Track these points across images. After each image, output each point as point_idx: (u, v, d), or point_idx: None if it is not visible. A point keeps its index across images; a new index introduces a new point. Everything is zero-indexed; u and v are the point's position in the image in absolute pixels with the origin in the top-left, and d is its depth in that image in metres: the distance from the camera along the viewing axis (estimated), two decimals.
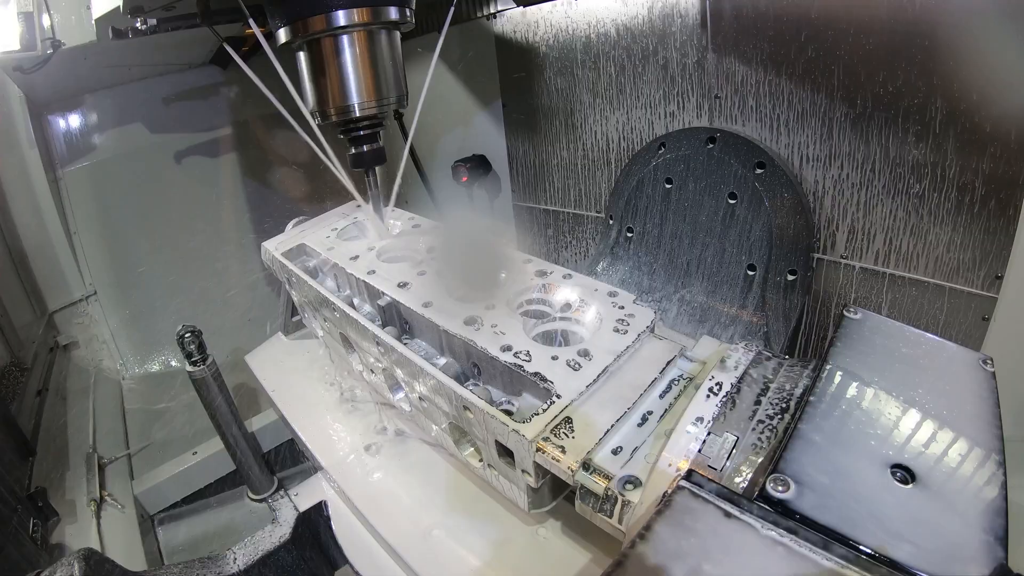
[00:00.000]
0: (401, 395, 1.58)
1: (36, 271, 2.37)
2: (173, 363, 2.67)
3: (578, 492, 1.05)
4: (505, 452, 1.19)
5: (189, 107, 2.70)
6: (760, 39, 1.99)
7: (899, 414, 0.90)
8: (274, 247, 1.91)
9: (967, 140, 1.68)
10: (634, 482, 0.99)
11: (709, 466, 0.94)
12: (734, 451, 0.94)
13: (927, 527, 0.72)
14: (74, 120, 2.53)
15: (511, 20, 2.73)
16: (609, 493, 1.00)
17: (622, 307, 1.39)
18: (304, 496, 1.53)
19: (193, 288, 2.77)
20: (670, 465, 0.96)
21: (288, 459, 2.55)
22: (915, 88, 1.73)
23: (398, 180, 1.99)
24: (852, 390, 0.94)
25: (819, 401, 0.91)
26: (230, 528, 2.33)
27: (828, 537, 0.70)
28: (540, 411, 1.11)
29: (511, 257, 1.65)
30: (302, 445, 1.71)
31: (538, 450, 1.07)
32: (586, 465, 1.03)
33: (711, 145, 2.21)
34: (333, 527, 1.50)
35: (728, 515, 0.73)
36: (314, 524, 1.49)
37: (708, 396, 1.05)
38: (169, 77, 2.61)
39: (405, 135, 2.75)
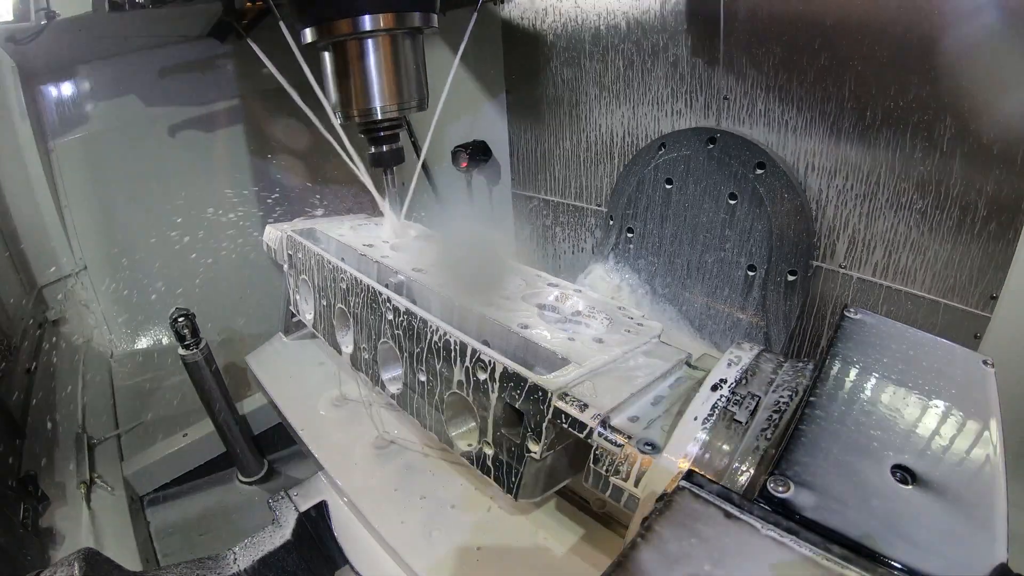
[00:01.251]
0: (397, 372, 1.59)
1: (25, 245, 2.31)
2: (164, 340, 2.64)
3: (592, 454, 1.07)
4: (511, 419, 1.21)
5: (186, 80, 2.61)
6: (773, 43, 1.97)
7: (900, 414, 0.90)
8: (282, 228, 1.93)
9: (973, 160, 1.68)
10: (653, 444, 1.00)
11: (731, 422, 0.97)
12: (730, 460, 0.94)
13: (928, 527, 0.72)
14: (67, 91, 2.44)
15: (519, 6, 2.67)
16: (627, 453, 1.01)
17: (631, 317, 1.43)
18: (304, 496, 1.52)
19: (186, 264, 2.72)
20: (694, 419, 0.98)
21: (279, 442, 2.55)
22: (926, 104, 1.72)
23: (410, 193, 2.02)
24: (853, 390, 0.94)
25: (819, 401, 0.91)
26: (220, 510, 2.34)
27: (828, 537, 0.69)
28: (562, 372, 1.14)
29: (522, 272, 1.67)
30: (302, 445, 1.71)
31: (556, 410, 1.08)
32: (604, 423, 1.04)
33: (711, 145, 2.21)
34: (333, 527, 1.51)
35: (728, 515, 0.73)
36: (314, 524, 1.49)
37: (707, 403, 1.05)
38: (166, 49, 2.51)
39: (414, 142, 2.73)
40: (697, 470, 0.90)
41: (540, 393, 1.10)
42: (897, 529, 0.71)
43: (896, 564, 0.67)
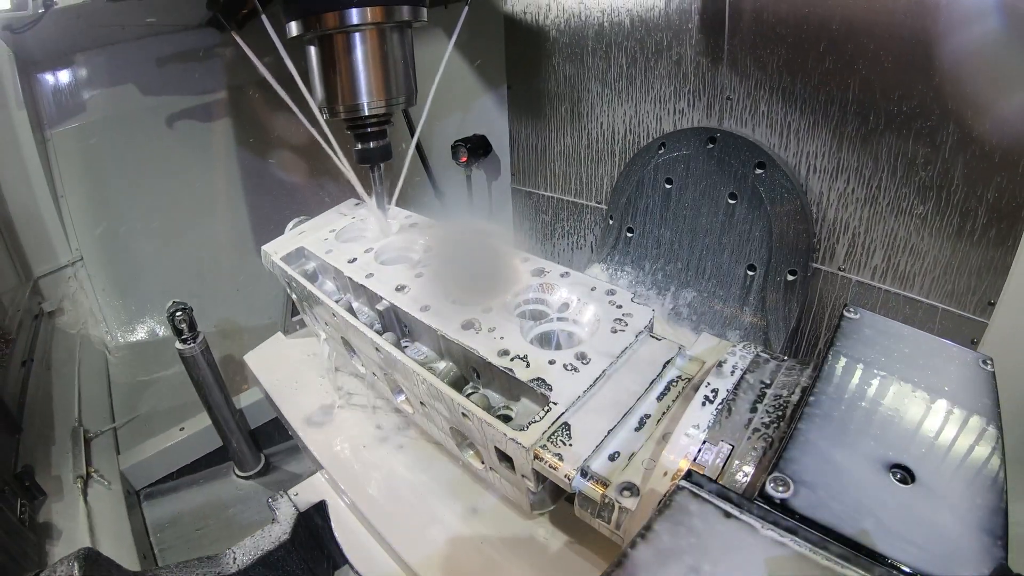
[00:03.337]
0: (403, 397, 1.58)
1: (21, 235, 2.28)
2: (160, 332, 2.62)
3: (577, 498, 1.06)
4: (505, 457, 1.20)
5: (184, 69, 2.57)
6: (778, 44, 1.96)
7: (899, 414, 0.90)
8: (273, 251, 1.88)
9: (975, 167, 1.69)
10: (631, 488, 0.99)
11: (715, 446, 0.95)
12: (729, 460, 0.94)
13: (927, 527, 0.73)
14: (64, 79, 2.40)
15: (522, 1, 2.65)
16: (606, 500, 1.00)
17: (620, 306, 1.38)
18: (304, 496, 1.53)
19: (182, 255, 2.70)
20: (665, 475, 0.96)
21: (275, 436, 2.55)
22: (929, 110, 1.72)
23: (402, 179, 1.98)
24: (852, 390, 0.94)
25: (819, 401, 0.91)
26: (217, 505, 2.34)
27: (828, 537, 0.70)
28: (537, 418, 1.11)
29: (508, 256, 1.64)
30: (302, 445, 1.71)
31: (536, 457, 1.06)
32: (583, 472, 1.03)
33: (711, 145, 2.20)
34: (333, 527, 1.51)
35: (728, 515, 0.73)
36: (314, 524, 1.49)
37: (704, 404, 1.04)
38: (165, 38, 2.47)
39: (411, 127, 2.68)
40: (697, 469, 0.90)
41: (519, 446, 1.08)
42: (896, 528, 0.72)
43: (895, 563, 0.67)
